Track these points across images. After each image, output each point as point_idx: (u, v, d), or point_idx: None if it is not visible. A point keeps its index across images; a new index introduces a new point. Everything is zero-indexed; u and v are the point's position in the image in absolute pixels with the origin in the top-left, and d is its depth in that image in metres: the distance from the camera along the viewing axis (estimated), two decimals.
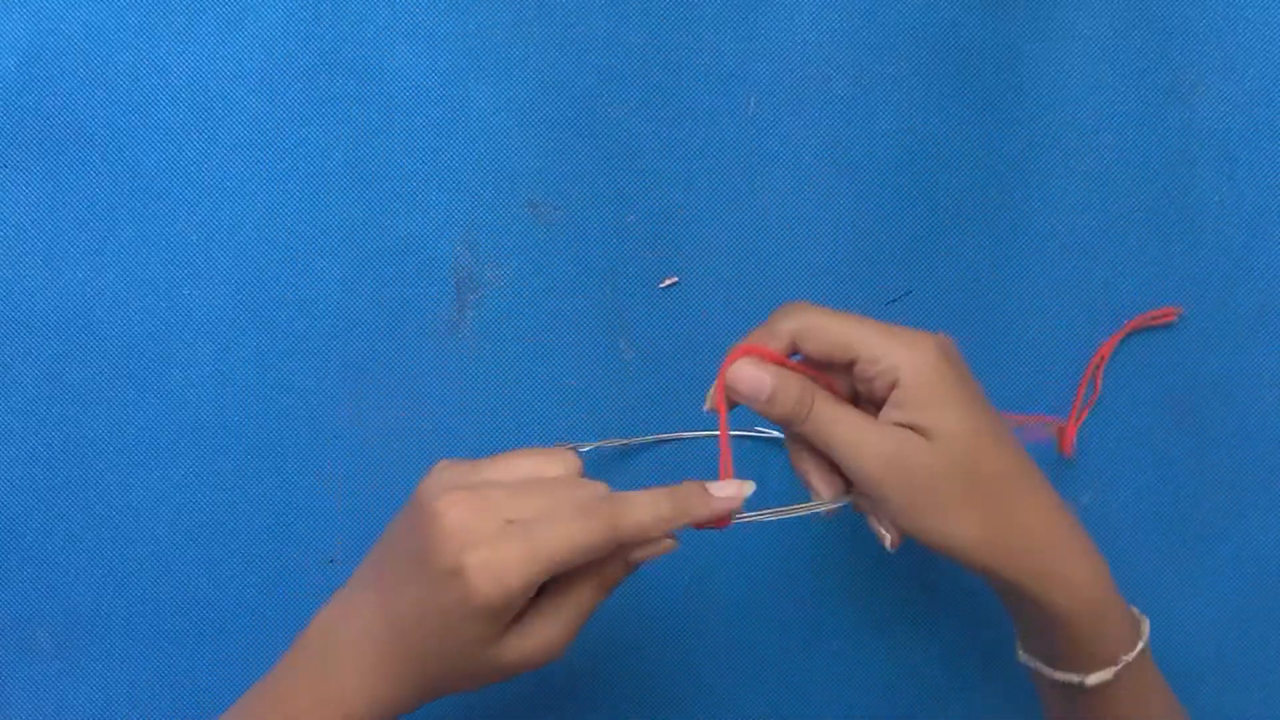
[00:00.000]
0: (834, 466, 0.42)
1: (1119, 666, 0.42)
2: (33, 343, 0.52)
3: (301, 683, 0.41)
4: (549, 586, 0.40)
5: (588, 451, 0.53)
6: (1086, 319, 0.55)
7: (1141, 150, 0.55)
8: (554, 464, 0.41)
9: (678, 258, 0.54)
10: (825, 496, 0.42)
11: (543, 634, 0.39)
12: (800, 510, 0.42)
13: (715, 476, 0.41)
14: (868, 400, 0.41)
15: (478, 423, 0.53)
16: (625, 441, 0.53)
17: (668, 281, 0.54)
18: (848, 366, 0.40)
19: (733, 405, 0.41)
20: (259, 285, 0.53)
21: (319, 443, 0.53)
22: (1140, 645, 0.42)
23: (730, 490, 0.40)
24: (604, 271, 0.54)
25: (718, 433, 0.42)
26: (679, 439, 0.53)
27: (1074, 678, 0.42)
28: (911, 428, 0.39)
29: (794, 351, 0.41)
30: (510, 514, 0.38)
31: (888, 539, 0.42)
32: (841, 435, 0.40)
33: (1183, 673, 0.55)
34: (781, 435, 0.49)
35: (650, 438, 0.53)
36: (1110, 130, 0.55)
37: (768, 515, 0.42)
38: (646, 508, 0.39)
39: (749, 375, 0.40)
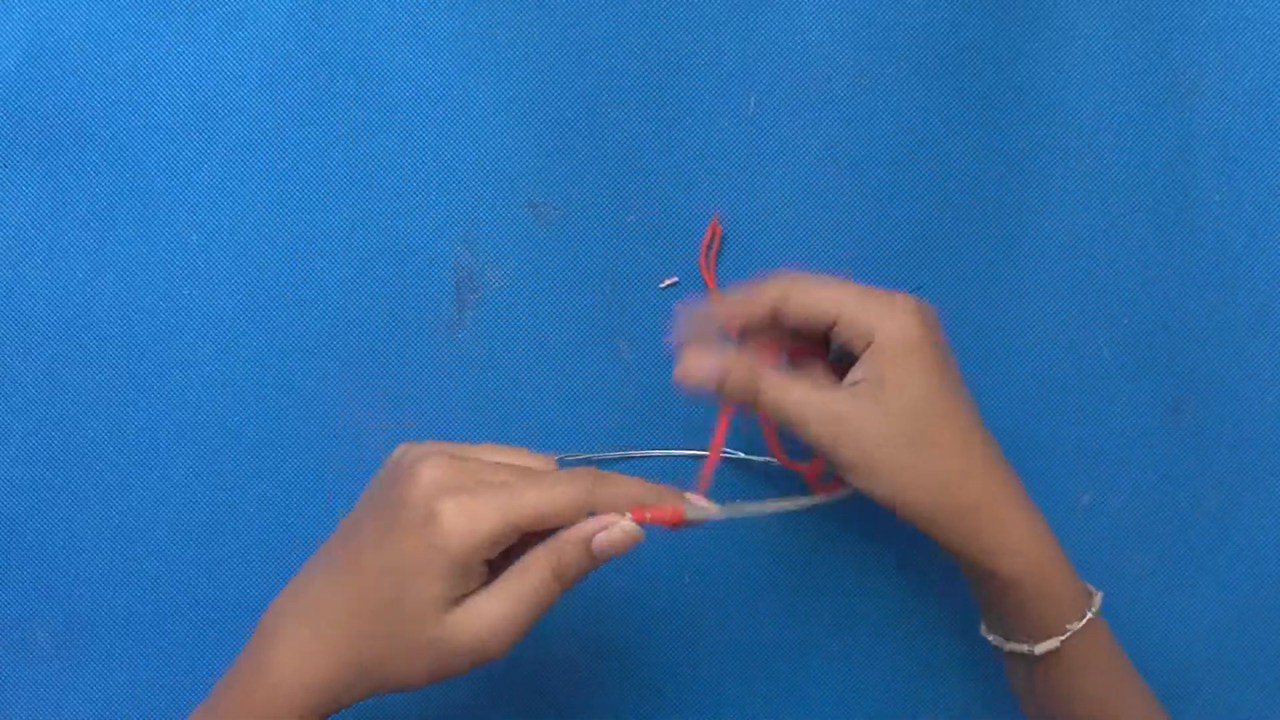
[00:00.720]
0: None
1: (1065, 635, 0.43)
2: (33, 343, 0.52)
3: (244, 670, 0.41)
4: (506, 570, 0.40)
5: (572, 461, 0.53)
6: (1086, 319, 0.55)
7: (1141, 150, 0.55)
8: (532, 458, 0.42)
9: (678, 258, 0.54)
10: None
11: (490, 614, 0.39)
12: (774, 507, 0.43)
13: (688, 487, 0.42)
14: (849, 364, 0.44)
15: (478, 423, 0.53)
16: (602, 455, 0.53)
17: (668, 281, 0.54)
18: (829, 331, 0.43)
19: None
20: (259, 285, 0.53)
21: (319, 443, 0.53)
22: (1089, 614, 0.43)
23: (703, 504, 0.41)
24: (604, 271, 0.54)
25: (690, 451, 0.45)
26: (661, 454, 0.53)
27: (1023, 647, 0.44)
28: (868, 384, 0.42)
29: (775, 316, 0.44)
30: (488, 479, 0.39)
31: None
32: (791, 406, 0.42)
33: (1183, 673, 0.55)
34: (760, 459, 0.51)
35: (635, 452, 0.54)
36: (1110, 130, 0.55)
37: (738, 513, 0.42)
38: (625, 486, 0.40)
39: (699, 365, 0.43)
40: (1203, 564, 0.55)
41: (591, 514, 0.39)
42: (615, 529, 0.39)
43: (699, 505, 0.41)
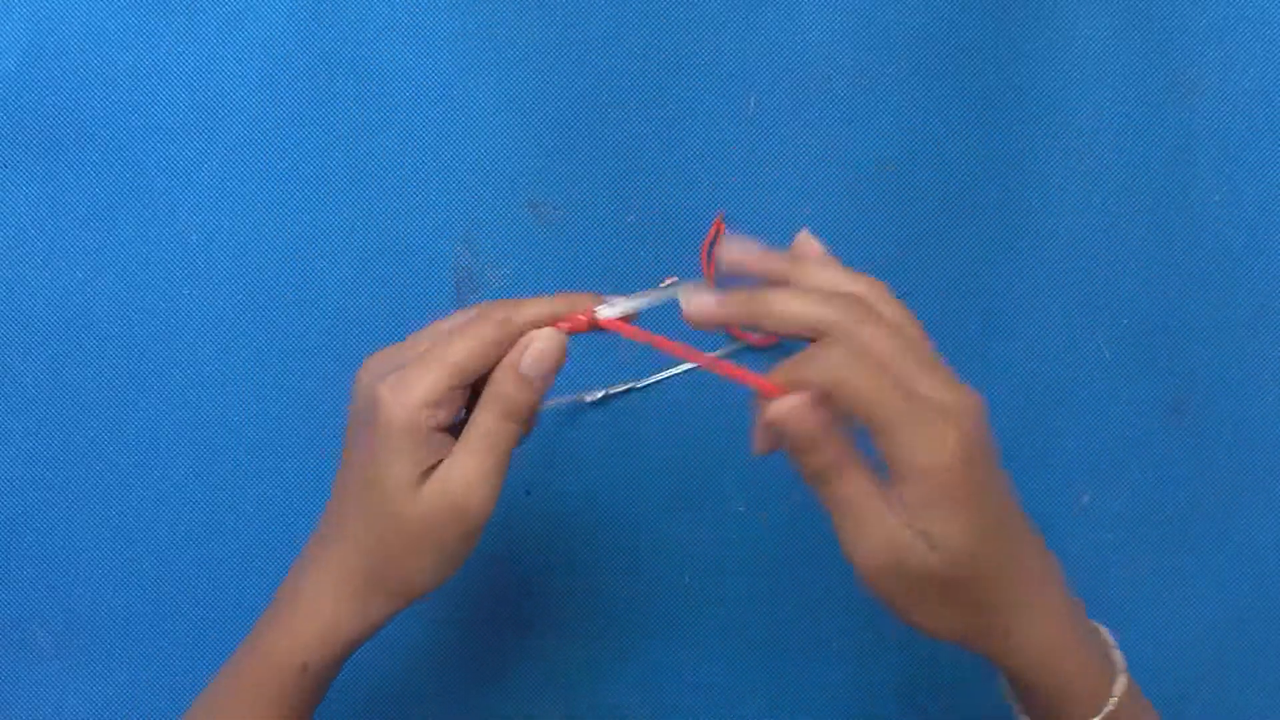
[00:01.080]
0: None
1: None
2: (33, 343, 0.52)
3: (261, 629, 0.42)
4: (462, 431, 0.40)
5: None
6: (1086, 319, 0.55)
7: (1141, 150, 0.55)
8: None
9: (678, 258, 0.54)
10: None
11: (458, 474, 0.39)
12: (660, 296, 0.41)
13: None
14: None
15: None
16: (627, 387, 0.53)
17: (668, 282, 0.54)
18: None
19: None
20: (259, 285, 0.53)
21: (319, 443, 0.53)
22: (1108, 708, 0.40)
23: (611, 301, 0.41)
24: (604, 271, 0.54)
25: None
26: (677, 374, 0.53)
27: None
28: (912, 529, 0.36)
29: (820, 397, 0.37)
30: (417, 351, 0.40)
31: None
32: (849, 517, 0.37)
33: (1183, 673, 0.55)
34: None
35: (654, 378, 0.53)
36: (1110, 130, 0.55)
37: (636, 300, 0.41)
38: (538, 300, 0.40)
39: (797, 411, 0.36)
40: (1203, 564, 0.55)
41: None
42: (533, 346, 0.39)
43: (610, 302, 0.41)
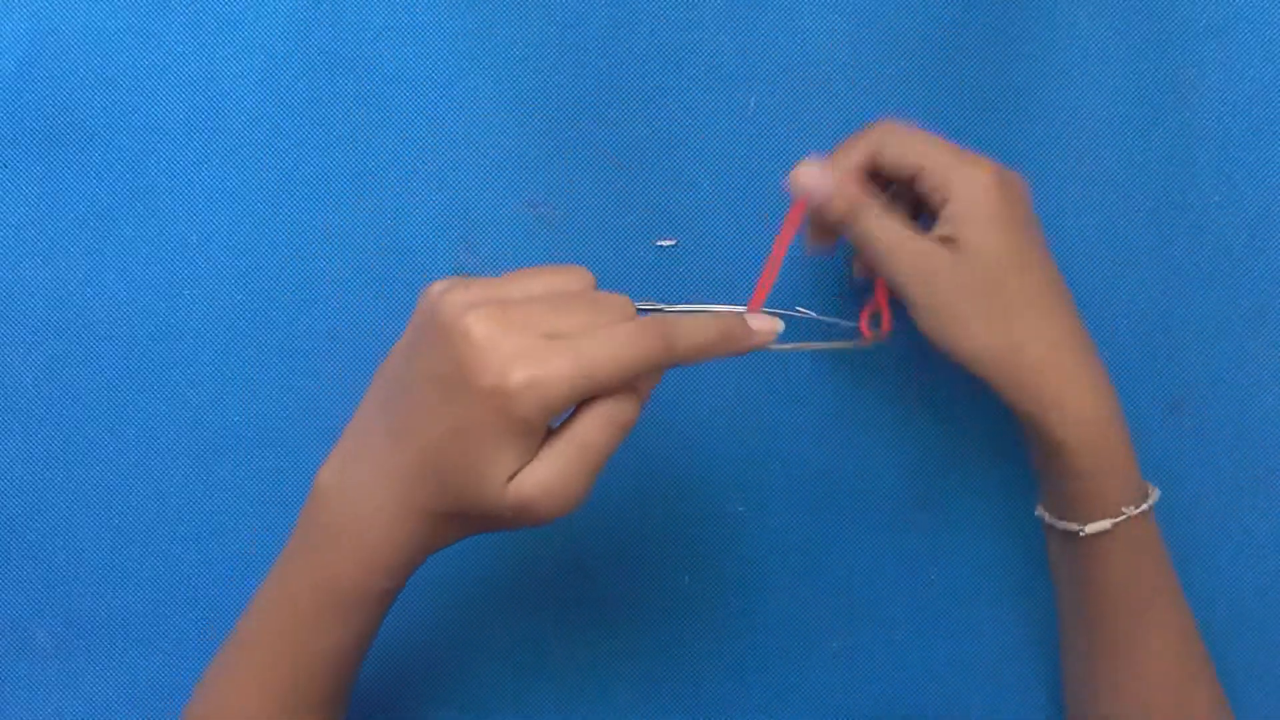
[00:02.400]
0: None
1: (1119, 519, 0.44)
2: (33, 343, 0.52)
3: (315, 542, 0.41)
4: (561, 433, 0.38)
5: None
6: (1086, 319, 0.55)
7: (1141, 150, 0.55)
8: (571, 279, 0.40)
9: (678, 258, 0.54)
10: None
11: (554, 469, 0.37)
12: (826, 346, 0.45)
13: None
14: (931, 217, 0.45)
15: None
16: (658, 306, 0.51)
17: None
18: (913, 180, 0.45)
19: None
20: (259, 285, 0.53)
21: (319, 443, 0.53)
22: (1145, 504, 0.45)
23: (765, 324, 0.42)
24: (605, 271, 0.54)
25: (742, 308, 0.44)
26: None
27: (1072, 527, 0.45)
28: (947, 240, 0.43)
29: (870, 162, 0.45)
30: (548, 329, 0.36)
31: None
32: (881, 242, 0.44)
33: None
34: (813, 315, 0.50)
35: (682, 306, 0.52)
36: (1110, 130, 0.55)
37: (790, 347, 0.43)
38: (697, 329, 0.39)
39: (810, 175, 0.45)
40: (1203, 564, 0.55)
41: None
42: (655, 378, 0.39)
43: (767, 342, 0.42)
